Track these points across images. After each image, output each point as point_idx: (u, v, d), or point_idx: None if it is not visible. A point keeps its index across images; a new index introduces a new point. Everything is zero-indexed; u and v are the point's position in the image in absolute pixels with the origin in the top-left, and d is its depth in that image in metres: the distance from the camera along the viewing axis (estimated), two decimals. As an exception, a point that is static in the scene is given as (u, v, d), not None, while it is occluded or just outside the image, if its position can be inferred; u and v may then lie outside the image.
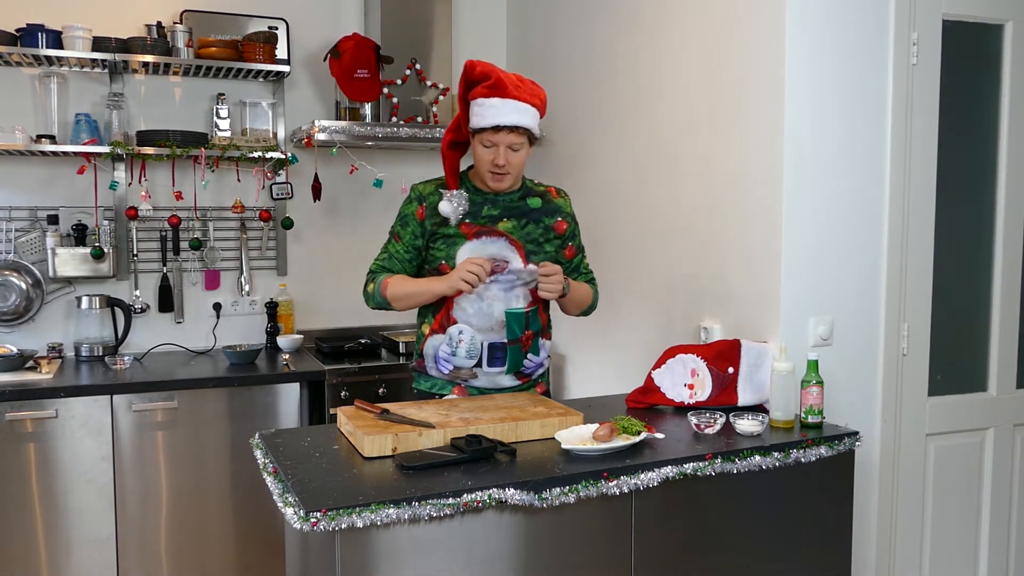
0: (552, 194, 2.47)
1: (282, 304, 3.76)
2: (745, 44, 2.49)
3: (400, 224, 2.38)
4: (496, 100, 2.19)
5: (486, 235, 2.32)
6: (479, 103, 2.21)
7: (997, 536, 2.77)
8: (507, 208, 2.36)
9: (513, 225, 2.35)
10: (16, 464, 2.94)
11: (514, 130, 2.20)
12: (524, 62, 3.99)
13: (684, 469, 1.90)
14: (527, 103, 2.21)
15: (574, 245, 2.49)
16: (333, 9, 3.84)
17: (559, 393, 3.75)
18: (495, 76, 2.20)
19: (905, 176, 2.50)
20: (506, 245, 2.33)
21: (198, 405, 3.14)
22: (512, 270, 2.32)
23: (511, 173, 2.28)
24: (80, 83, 3.49)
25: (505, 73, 2.24)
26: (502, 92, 2.19)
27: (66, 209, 3.49)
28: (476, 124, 2.22)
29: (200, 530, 3.17)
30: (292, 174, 3.71)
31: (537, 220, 2.39)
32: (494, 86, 2.19)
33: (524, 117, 2.21)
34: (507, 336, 2.34)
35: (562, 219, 2.44)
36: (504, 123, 2.19)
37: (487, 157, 2.25)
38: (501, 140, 2.21)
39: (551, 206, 2.43)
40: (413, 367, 2.49)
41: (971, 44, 2.61)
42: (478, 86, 2.22)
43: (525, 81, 2.27)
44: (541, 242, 2.38)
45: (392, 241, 2.39)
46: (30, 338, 3.47)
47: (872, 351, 2.51)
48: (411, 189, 2.40)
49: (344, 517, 1.57)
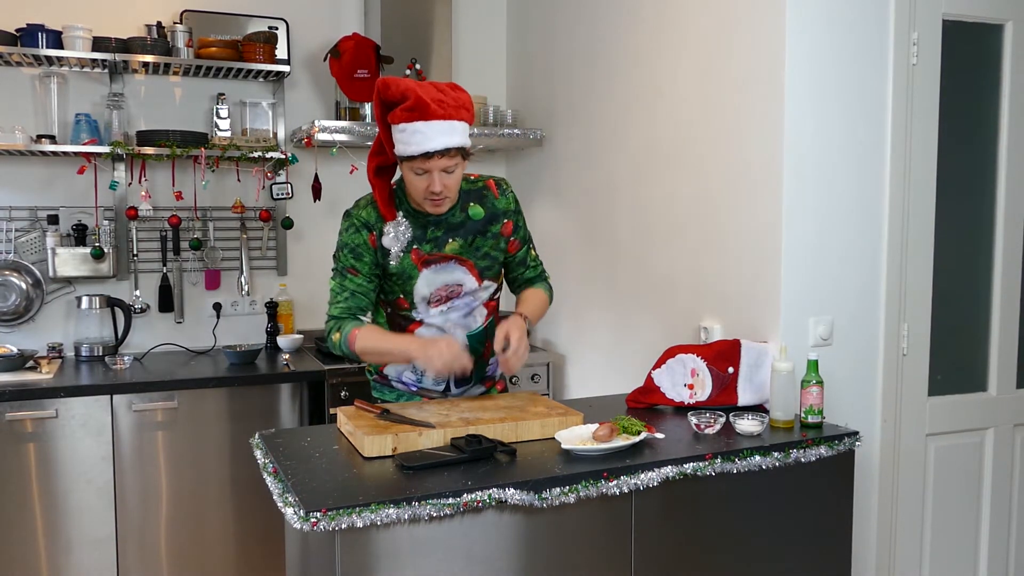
0: (493, 192, 2.26)
1: (282, 304, 3.77)
2: (745, 45, 2.49)
3: (352, 257, 2.16)
4: (420, 124, 1.98)
5: (435, 263, 2.18)
6: (401, 128, 2.00)
7: (997, 536, 2.77)
8: (451, 227, 2.20)
9: (460, 244, 2.20)
10: (16, 464, 2.94)
11: (445, 153, 2.01)
12: (524, 62, 3.99)
13: (684, 469, 1.90)
14: (454, 119, 2.01)
15: (517, 239, 2.31)
16: (333, 9, 3.84)
17: (559, 393, 3.75)
18: (413, 96, 1.98)
19: (905, 176, 2.50)
20: (455, 267, 2.20)
21: (198, 405, 3.14)
22: (467, 291, 2.22)
23: (449, 196, 2.10)
24: (80, 83, 3.49)
25: (423, 87, 2.01)
26: (424, 114, 1.97)
27: (66, 209, 3.49)
28: (403, 152, 2.02)
29: (200, 530, 3.17)
30: (292, 174, 3.71)
31: (484, 232, 2.23)
32: (414, 108, 1.98)
33: (453, 137, 2.01)
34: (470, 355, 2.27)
35: (507, 220, 2.27)
36: (433, 149, 1.99)
37: (421, 185, 2.06)
38: (433, 166, 2.01)
39: (494, 211, 2.25)
40: (374, 380, 2.38)
41: (971, 44, 2.61)
42: (397, 108, 2.00)
43: (446, 91, 2.05)
44: (492, 254, 2.25)
45: (349, 277, 2.17)
46: (30, 338, 3.47)
47: (872, 351, 2.51)
48: (349, 217, 2.19)
49: (344, 517, 1.57)
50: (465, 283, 2.22)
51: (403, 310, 2.23)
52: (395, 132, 2.03)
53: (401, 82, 2.01)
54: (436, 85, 2.06)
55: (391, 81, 2.02)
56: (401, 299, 2.21)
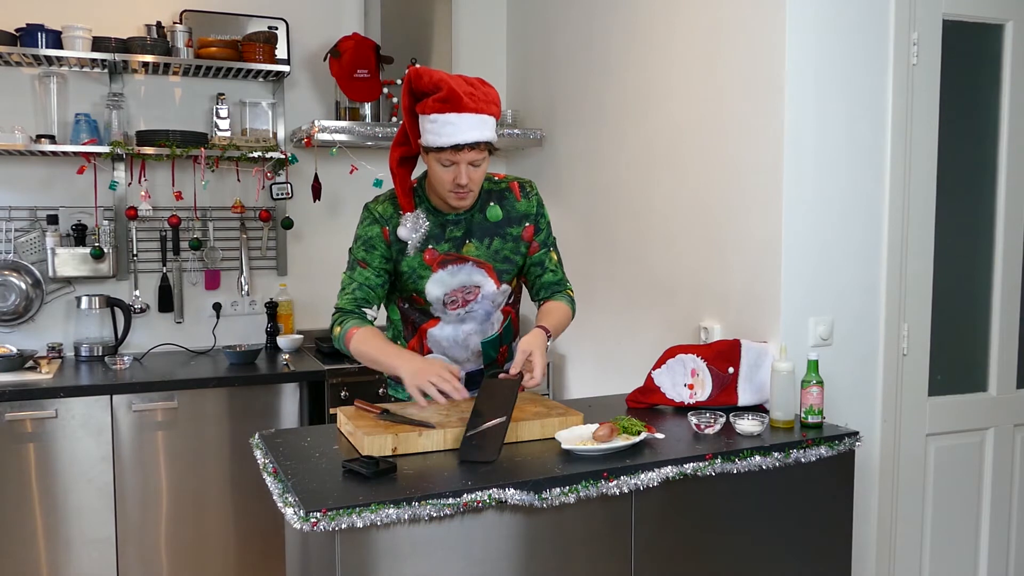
0: (515, 194, 2.24)
1: (282, 304, 3.76)
2: (745, 45, 2.49)
3: (364, 249, 2.17)
4: (452, 116, 1.97)
5: (451, 263, 2.16)
6: (432, 119, 1.99)
7: (997, 536, 2.77)
8: (470, 228, 2.18)
9: (478, 246, 2.18)
10: (16, 464, 2.94)
11: (475, 146, 2.01)
12: (524, 62, 3.99)
13: (684, 469, 1.90)
14: (485, 113, 2.01)
15: (538, 242, 2.28)
16: (333, 9, 3.84)
17: (559, 393, 3.75)
18: (447, 87, 1.97)
19: (905, 176, 2.50)
20: (474, 270, 2.18)
21: (198, 405, 3.14)
22: (486, 295, 2.20)
23: (474, 190, 2.10)
24: (80, 83, 3.49)
25: (455, 80, 2.01)
26: (457, 106, 1.97)
27: (66, 209, 3.49)
28: (432, 143, 2.01)
29: (200, 530, 3.17)
30: (292, 174, 3.71)
31: (503, 234, 2.21)
32: (447, 99, 1.97)
33: (484, 131, 2.01)
34: (484, 361, 2.28)
35: (528, 224, 2.24)
36: (464, 141, 1.98)
37: (447, 177, 2.04)
38: (462, 158, 2.01)
39: (515, 213, 2.22)
40: (389, 377, 2.35)
41: (971, 44, 2.61)
42: (428, 98, 1.99)
43: (476, 85, 2.04)
44: (512, 258, 2.23)
45: (358, 269, 2.17)
46: (30, 338, 3.47)
47: (872, 351, 2.51)
48: (367, 210, 2.21)
49: (344, 517, 1.57)
50: (484, 286, 2.20)
51: (419, 306, 2.22)
52: (424, 123, 2.02)
53: (434, 73, 2.01)
54: (466, 79, 2.05)
55: (423, 71, 2.02)
56: (416, 296, 2.20)
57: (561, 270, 2.35)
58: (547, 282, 2.31)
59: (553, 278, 2.31)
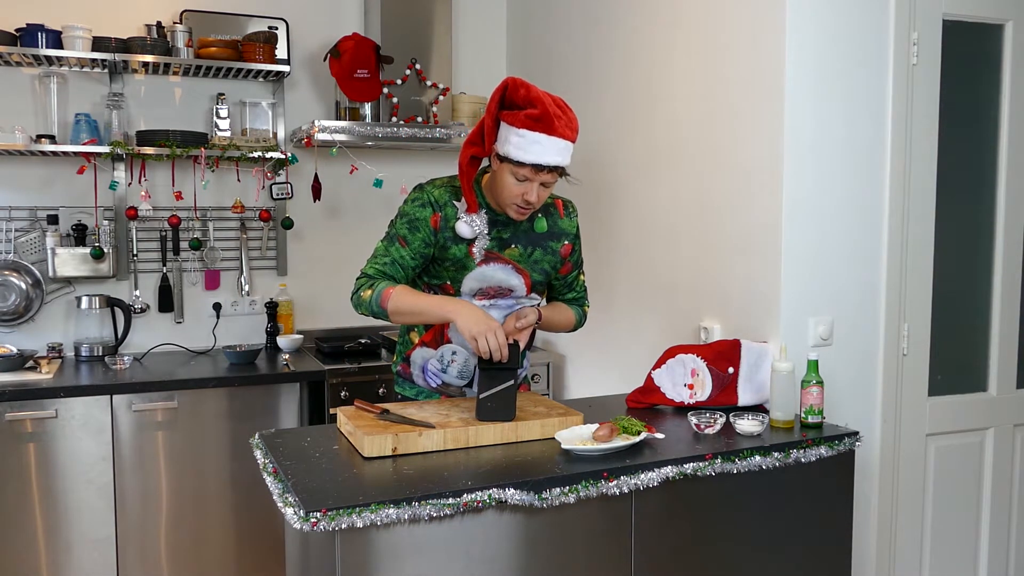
0: (559, 211, 2.30)
1: (282, 304, 3.76)
2: (745, 45, 2.49)
3: (408, 228, 2.15)
4: (542, 136, 2.00)
5: (494, 261, 2.19)
6: (520, 133, 2.00)
7: (997, 536, 2.77)
8: (517, 233, 2.22)
9: (520, 252, 2.22)
10: (16, 464, 2.94)
11: (554, 169, 2.05)
12: (524, 62, 3.99)
13: (684, 469, 1.90)
14: (568, 139, 2.04)
15: (571, 262, 2.35)
16: (333, 9, 3.84)
17: (559, 393, 3.75)
18: (542, 107, 1.99)
19: (905, 176, 2.50)
20: (512, 272, 2.21)
21: (198, 405, 3.14)
22: (515, 296, 2.24)
23: (536, 208, 2.15)
24: (80, 83, 3.49)
25: (548, 101, 2.03)
26: (548, 128, 2.00)
27: (66, 209, 3.49)
28: (515, 156, 2.02)
29: (200, 530, 3.17)
30: (292, 174, 3.71)
31: (545, 246, 2.26)
32: (540, 119, 1.99)
33: (565, 156, 2.05)
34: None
35: (568, 242, 2.30)
36: (547, 163, 2.02)
37: (517, 191, 2.07)
38: (538, 178, 2.05)
39: (557, 229, 2.28)
40: (397, 371, 2.38)
41: (971, 44, 2.61)
42: (520, 112, 2.01)
43: (565, 109, 2.07)
44: (547, 270, 2.28)
45: (396, 244, 2.15)
46: (30, 338, 3.47)
47: (872, 351, 2.51)
48: (421, 190, 2.18)
49: (344, 517, 1.57)
50: (516, 289, 2.24)
51: (447, 294, 2.23)
52: (509, 133, 2.03)
53: (532, 88, 2.03)
54: (556, 101, 2.06)
55: (521, 83, 2.03)
56: (448, 285, 2.21)
57: (584, 291, 2.44)
58: (568, 299, 2.42)
59: (574, 296, 2.42)
